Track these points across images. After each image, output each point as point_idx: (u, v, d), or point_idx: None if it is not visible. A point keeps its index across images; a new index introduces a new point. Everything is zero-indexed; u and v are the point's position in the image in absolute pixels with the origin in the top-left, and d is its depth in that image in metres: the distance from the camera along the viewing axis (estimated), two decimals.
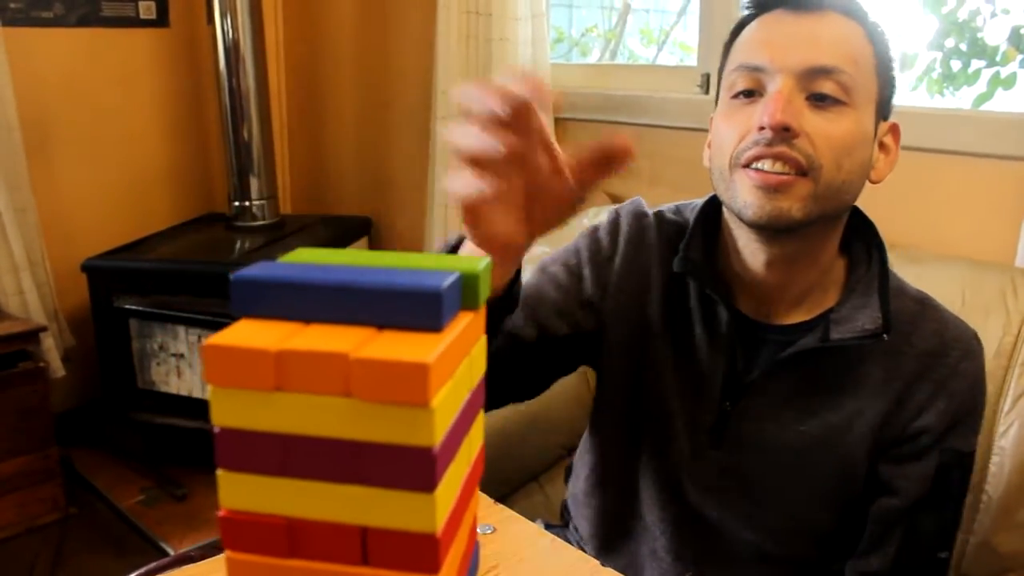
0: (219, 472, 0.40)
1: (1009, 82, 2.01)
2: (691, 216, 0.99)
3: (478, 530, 0.54)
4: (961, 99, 2.07)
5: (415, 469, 0.38)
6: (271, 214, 2.53)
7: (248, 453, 0.39)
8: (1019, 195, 1.58)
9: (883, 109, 0.90)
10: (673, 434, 0.98)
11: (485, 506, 0.85)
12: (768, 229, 0.86)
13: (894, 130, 0.93)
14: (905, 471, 0.92)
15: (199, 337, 2.22)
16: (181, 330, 2.22)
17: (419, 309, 0.39)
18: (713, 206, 0.98)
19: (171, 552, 2.14)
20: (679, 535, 1.00)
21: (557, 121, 2.15)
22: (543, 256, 1.08)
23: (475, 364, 0.45)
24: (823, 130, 0.83)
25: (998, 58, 2.00)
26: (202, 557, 0.78)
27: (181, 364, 2.26)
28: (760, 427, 0.94)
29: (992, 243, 1.62)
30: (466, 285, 0.43)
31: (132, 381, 2.32)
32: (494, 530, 0.80)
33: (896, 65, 0.92)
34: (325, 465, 0.39)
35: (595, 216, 1.65)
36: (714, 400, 0.95)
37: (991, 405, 1.34)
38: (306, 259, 0.44)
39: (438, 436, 0.38)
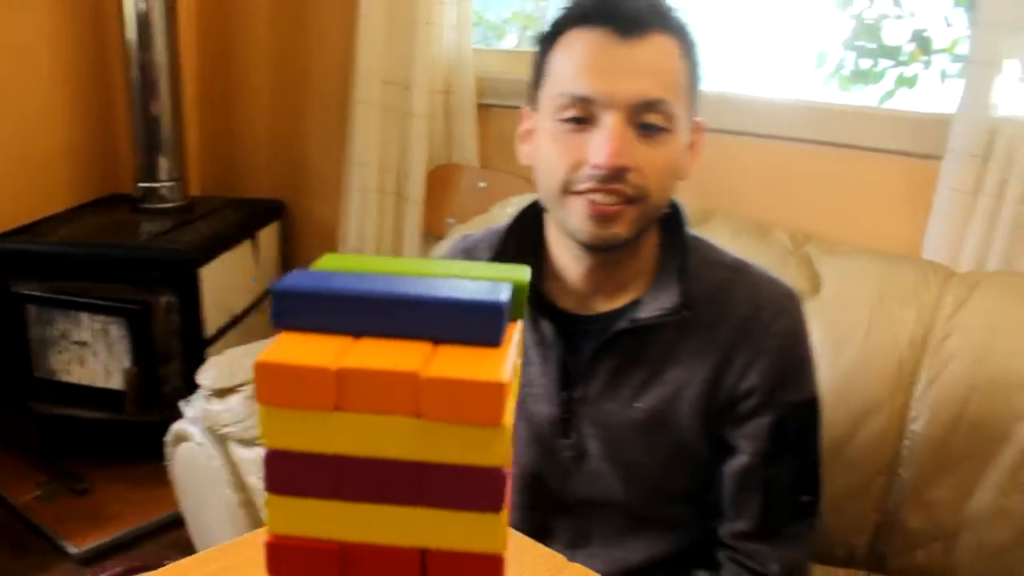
0: (268, 496, 0.37)
1: (912, 81, 2.11)
2: (488, 237, 1.07)
3: None
4: (868, 96, 2.16)
5: (484, 489, 0.37)
6: (180, 196, 2.42)
7: (300, 476, 0.37)
8: (924, 191, 1.65)
9: (693, 113, 0.96)
10: (523, 438, 1.05)
11: None
12: (598, 249, 0.94)
13: (699, 128, 0.99)
14: (743, 431, 0.99)
15: (104, 324, 2.11)
16: (84, 317, 2.11)
17: (479, 323, 0.38)
18: (532, 212, 1.04)
19: (72, 551, 2.04)
20: (553, 520, 1.08)
21: (480, 107, 2.13)
22: None
23: (518, 377, 0.44)
24: (651, 161, 0.89)
25: (903, 58, 2.09)
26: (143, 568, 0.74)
27: (84, 352, 2.15)
28: (599, 409, 1.01)
29: (901, 236, 1.69)
30: (515, 295, 0.42)
31: (28, 370, 2.19)
32: None
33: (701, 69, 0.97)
34: (384, 487, 0.37)
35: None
36: (554, 393, 1.01)
37: (902, 388, 1.41)
38: (339, 267, 0.42)
39: (508, 455, 0.37)
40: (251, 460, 1.37)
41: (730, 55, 2.14)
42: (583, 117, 0.90)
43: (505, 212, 1.77)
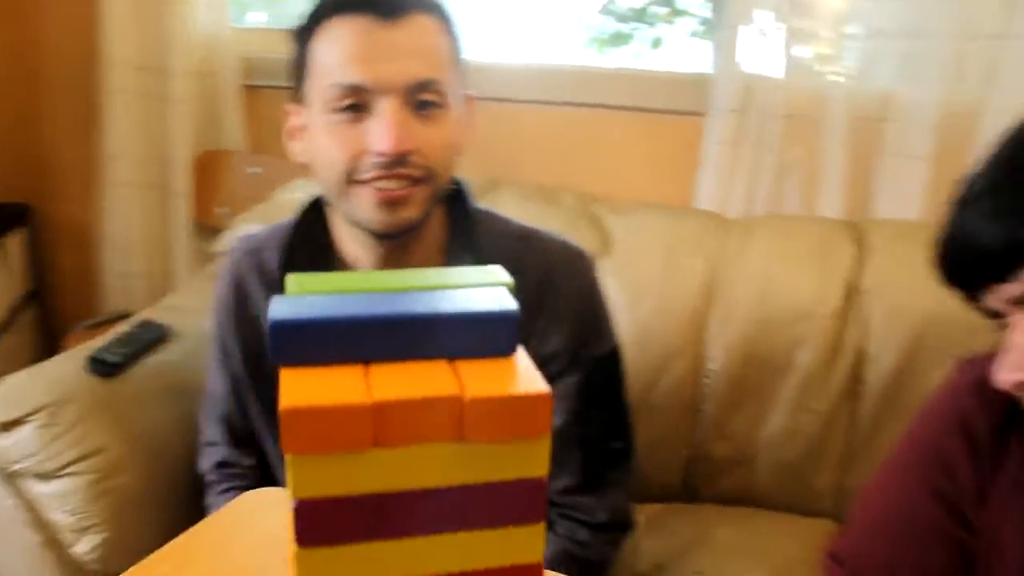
0: (297, 551, 0.34)
1: (657, 43, 2.25)
2: (273, 235, 1.05)
3: None
4: (622, 58, 2.28)
5: (528, 501, 0.36)
6: None
7: (336, 523, 0.34)
8: (692, 145, 1.78)
9: (461, 87, 0.99)
10: None
11: None
12: (390, 235, 0.94)
13: (470, 101, 1.02)
14: (554, 393, 1.03)
15: None
16: None
17: (493, 335, 0.37)
18: (315, 206, 1.03)
19: None
20: None
21: (247, 89, 2.02)
22: None
23: None
24: (432, 140, 0.91)
25: (651, 19, 2.23)
26: None
27: None
28: None
29: (675, 190, 1.82)
30: None
31: None
32: None
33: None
34: (426, 518, 0.35)
35: None
36: None
37: (697, 332, 1.52)
38: (316, 289, 0.39)
39: (548, 463, 0.36)
40: (52, 495, 1.23)
41: (492, 24, 2.17)
42: (358, 105, 0.89)
43: (292, 197, 1.70)
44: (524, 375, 0.35)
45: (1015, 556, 0.75)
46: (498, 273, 0.41)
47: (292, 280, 0.39)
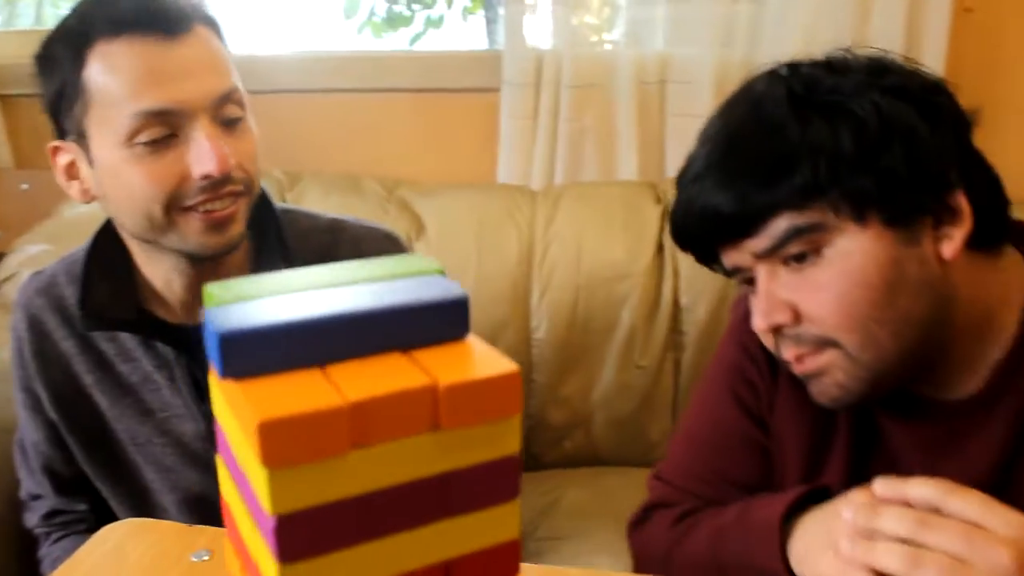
0: (280, 567, 0.32)
1: (439, 22, 2.26)
2: (66, 269, 0.99)
3: None
4: (401, 40, 2.27)
5: (503, 480, 0.36)
6: None
7: (317, 533, 0.33)
8: (490, 121, 1.81)
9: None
10: (179, 462, 1.00)
11: None
12: (217, 256, 0.91)
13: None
14: None
15: None
16: None
17: (447, 321, 0.36)
18: (107, 235, 0.97)
19: None
20: None
21: (1, 99, 1.84)
22: None
23: None
24: (245, 150, 0.90)
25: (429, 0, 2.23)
26: None
27: None
28: None
29: (478, 167, 1.84)
30: None
31: None
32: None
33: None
34: (407, 513, 0.34)
35: None
36: (195, 410, 0.97)
37: (520, 304, 1.56)
38: (242, 296, 0.36)
39: (520, 439, 0.36)
40: None
41: (257, 14, 2.09)
42: (163, 131, 0.84)
43: (78, 213, 1.57)
44: (487, 357, 0.35)
45: (795, 456, 0.86)
46: (421, 260, 0.40)
47: (210, 291, 0.37)
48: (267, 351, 0.33)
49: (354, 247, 1.02)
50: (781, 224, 0.73)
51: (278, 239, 0.98)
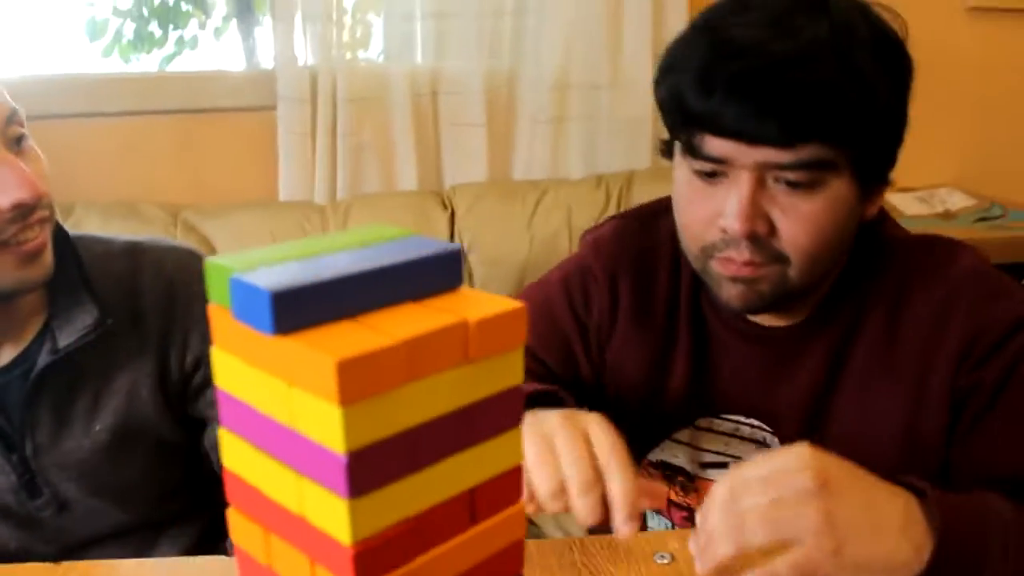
0: (350, 503, 0.35)
1: (193, 43, 2.20)
2: None
3: None
4: (151, 61, 2.18)
5: (513, 408, 0.41)
6: None
7: (380, 466, 0.36)
8: (269, 139, 1.80)
9: None
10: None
11: None
12: (28, 291, 0.89)
13: None
14: (207, 400, 1.03)
15: None
16: None
17: (448, 271, 0.41)
18: None
19: None
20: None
21: None
22: None
23: None
24: (42, 172, 0.88)
25: (181, 20, 2.16)
26: None
27: None
28: (60, 452, 0.96)
29: (260, 185, 1.83)
30: None
31: None
32: None
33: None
34: (445, 442, 0.38)
35: None
36: (2, 461, 0.95)
37: None
38: (255, 264, 0.38)
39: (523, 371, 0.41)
40: None
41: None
42: None
43: None
44: (491, 299, 0.40)
45: (635, 385, 0.96)
46: (388, 228, 0.44)
47: (215, 263, 0.39)
48: (311, 305, 0.36)
49: (157, 268, 0.99)
50: (813, 150, 0.75)
51: (76, 268, 0.93)
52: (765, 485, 0.62)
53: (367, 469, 0.35)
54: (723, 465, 0.96)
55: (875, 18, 0.79)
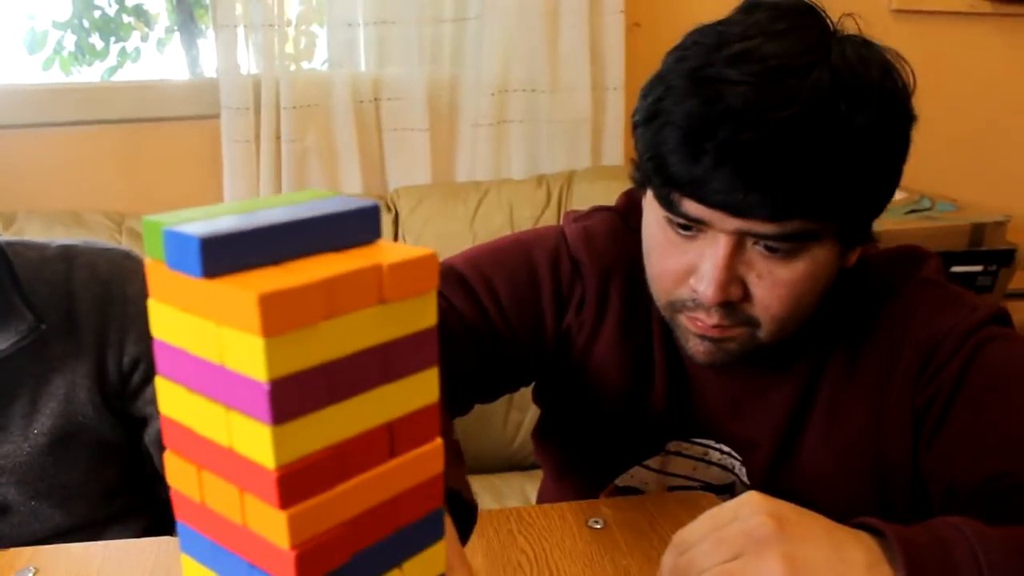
0: (273, 429, 0.39)
1: (135, 55, 2.21)
2: None
3: None
4: (93, 73, 2.18)
5: (427, 348, 0.45)
6: None
7: (300, 395, 0.39)
8: (213, 147, 1.82)
9: None
10: None
11: None
12: None
13: None
14: (146, 398, 1.05)
15: None
16: None
17: (366, 225, 0.44)
18: None
19: None
20: None
21: None
22: None
23: None
24: None
25: (124, 32, 2.17)
26: None
27: None
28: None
29: (204, 194, 1.84)
30: None
31: None
32: None
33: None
34: (361, 377, 0.42)
35: None
36: None
37: None
38: (189, 218, 0.42)
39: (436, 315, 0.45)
40: None
41: None
42: None
43: None
44: (405, 248, 0.43)
45: (615, 394, 0.94)
46: (316, 191, 0.48)
47: (150, 221, 0.42)
48: (237, 251, 0.39)
49: (91, 272, 1.00)
50: (799, 224, 0.71)
51: (8, 275, 0.94)
52: (719, 544, 0.56)
53: (288, 397, 0.39)
54: (691, 489, 0.97)
55: (879, 62, 0.74)
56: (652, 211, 0.80)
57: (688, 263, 0.77)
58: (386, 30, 1.86)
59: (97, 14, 2.11)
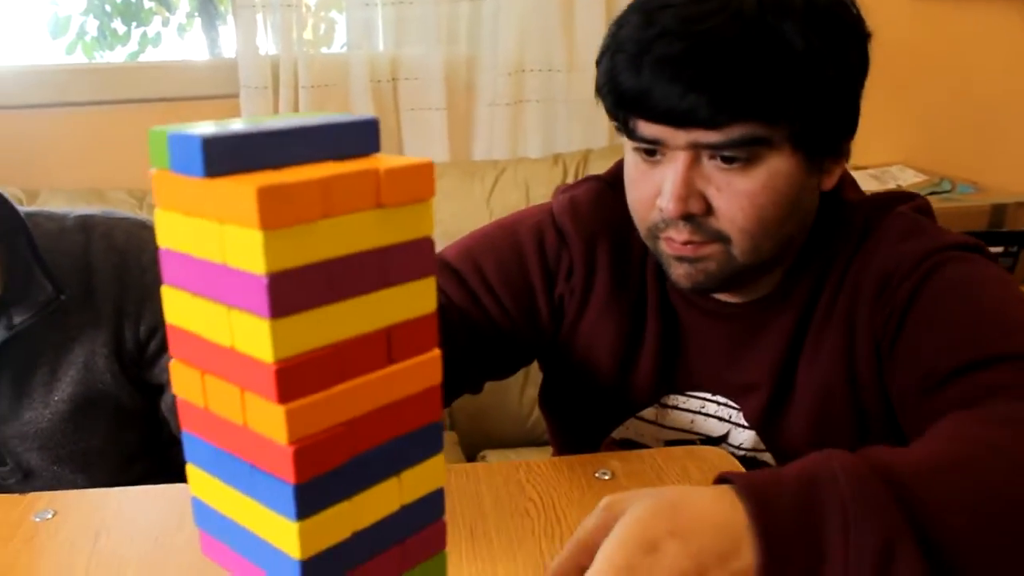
0: (271, 323, 0.40)
1: (156, 40, 2.24)
2: None
3: None
4: (115, 58, 2.21)
5: (424, 257, 0.46)
6: None
7: (298, 291, 0.40)
8: None
9: None
10: None
11: None
12: None
13: None
14: (162, 366, 1.07)
15: None
16: None
17: (365, 136, 0.46)
18: None
19: None
20: None
21: None
22: None
23: None
24: None
25: (144, 17, 2.21)
26: None
27: None
28: (21, 423, 1.01)
29: None
30: None
31: None
32: None
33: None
34: (359, 279, 0.43)
35: None
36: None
37: None
38: (196, 127, 0.43)
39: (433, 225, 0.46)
40: None
41: None
42: None
43: None
44: (403, 158, 0.45)
45: (607, 352, 0.96)
46: (323, 112, 0.49)
47: (156, 130, 0.43)
48: (239, 153, 0.41)
49: (108, 243, 1.02)
50: (744, 129, 0.75)
51: (29, 247, 0.96)
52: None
53: (287, 291, 0.40)
54: (689, 443, 0.98)
55: None
56: (626, 147, 0.86)
57: (655, 186, 0.81)
58: (404, 10, 1.88)
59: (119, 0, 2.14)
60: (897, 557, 0.52)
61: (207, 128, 0.42)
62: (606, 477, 0.87)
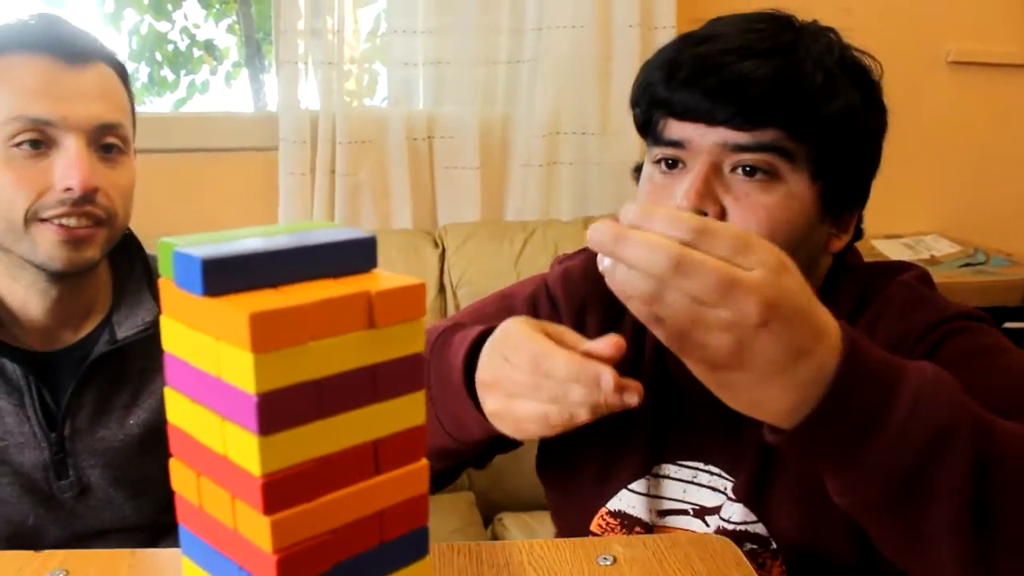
0: (260, 439, 0.42)
1: (204, 87, 2.31)
2: None
3: None
4: (164, 104, 2.29)
5: (414, 374, 0.47)
6: None
7: (288, 409, 0.42)
8: (270, 178, 1.89)
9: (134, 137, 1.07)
10: (12, 494, 1.01)
11: None
12: (69, 275, 0.98)
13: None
14: None
15: None
16: None
17: (363, 254, 0.48)
18: None
19: None
20: None
21: None
22: None
23: None
24: (115, 182, 0.99)
25: (192, 65, 2.28)
26: None
27: None
28: (94, 438, 1.04)
29: (258, 222, 1.90)
30: None
31: None
32: None
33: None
34: (348, 396, 0.45)
35: None
36: (41, 437, 1.01)
37: None
38: (199, 242, 0.45)
39: (424, 342, 0.48)
40: None
41: None
42: (39, 141, 0.91)
43: None
44: (397, 277, 0.46)
45: (594, 427, 0.94)
46: (320, 222, 0.51)
47: (165, 242, 0.46)
48: (237, 273, 0.43)
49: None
50: (772, 135, 0.78)
51: (145, 272, 1.05)
52: (713, 292, 0.53)
53: (276, 410, 0.42)
54: (683, 512, 0.97)
55: (845, 44, 0.84)
56: (644, 174, 0.87)
57: (671, 194, 0.82)
58: (443, 70, 1.92)
59: (169, 48, 2.22)
60: (954, 443, 0.57)
61: (210, 246, 0.44)
62: (607, 563, 0.87)
